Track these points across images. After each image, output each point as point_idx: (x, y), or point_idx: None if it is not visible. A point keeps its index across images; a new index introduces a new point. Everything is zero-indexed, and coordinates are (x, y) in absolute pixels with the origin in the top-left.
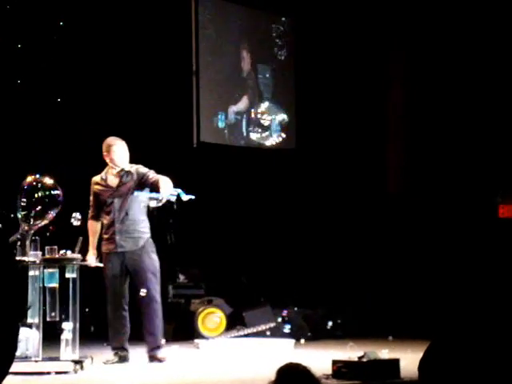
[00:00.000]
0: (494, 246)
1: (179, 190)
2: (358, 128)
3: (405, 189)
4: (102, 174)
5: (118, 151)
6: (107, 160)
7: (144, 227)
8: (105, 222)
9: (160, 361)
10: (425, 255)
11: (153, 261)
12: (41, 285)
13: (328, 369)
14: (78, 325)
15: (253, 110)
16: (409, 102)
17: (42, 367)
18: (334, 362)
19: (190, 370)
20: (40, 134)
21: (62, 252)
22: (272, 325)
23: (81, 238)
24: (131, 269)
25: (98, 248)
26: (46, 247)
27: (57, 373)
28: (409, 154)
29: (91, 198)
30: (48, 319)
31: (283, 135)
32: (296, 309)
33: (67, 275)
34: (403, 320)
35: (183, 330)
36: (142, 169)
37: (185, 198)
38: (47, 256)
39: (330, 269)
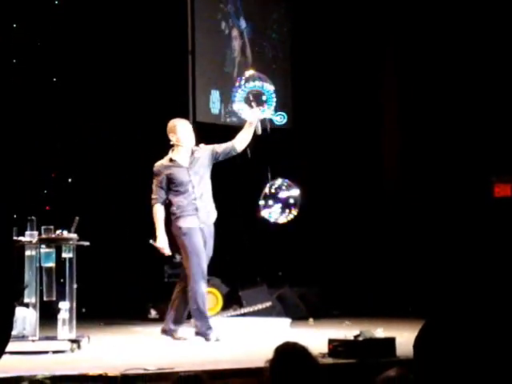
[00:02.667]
0: (489, 226)
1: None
2: (353, 112)
3: (401, 172)
4: (170, 157)
5: (184, 130)
6: (173, 140)
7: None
8: (182, 201)
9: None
10: (421, 236)
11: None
12: (37, 265)
13: (324, 348)
14: (74, 304)
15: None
16: (403, 84)
17: (39, 346)
18: (330, 341)
19: (186, 349)
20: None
21: (58, 232)
22: (268, 304)
23: (77, 218)
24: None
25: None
26: (42, 227)
27: (54, 352)
28: (403, 135)
29: (157, 183)
30: (45, 299)
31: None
32: (291, 288)
33: (64, 255)
34: (399, 299)
35: None
36: (208, 145)
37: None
38: (43, 236)
39: (326, 248)
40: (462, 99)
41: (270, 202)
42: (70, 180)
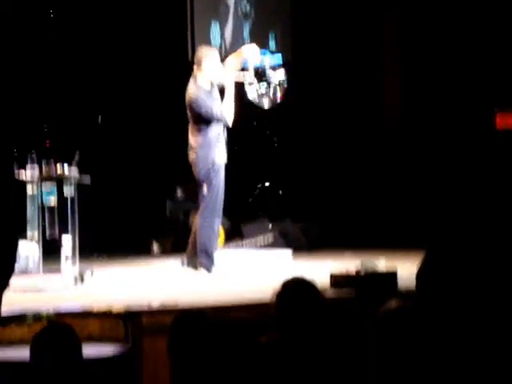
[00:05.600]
0: (491, 159)
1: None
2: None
3: (402, 105)
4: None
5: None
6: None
7: None
8: (214, 129)
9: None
10: (423, 169)
11: None
12: (39, 202)
13: (326, 281)
14: (77, 239)
15: None
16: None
17: (42, 281)
18: (332, 276)
19: (189, 282)
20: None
21: (58, 165)
22: (269, 237)
23: (78, 152)
24: None
25: None
26: (43, 160)
27: (57, 287)
28: (405, 68)
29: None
30: (47, 237)
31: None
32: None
33: (65, 191)
34: (401, 230)
35: (182, 244)
36: None
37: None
38: (44, 170)
39: (328, 183)
40: (465, 29)
41: (255, 82)
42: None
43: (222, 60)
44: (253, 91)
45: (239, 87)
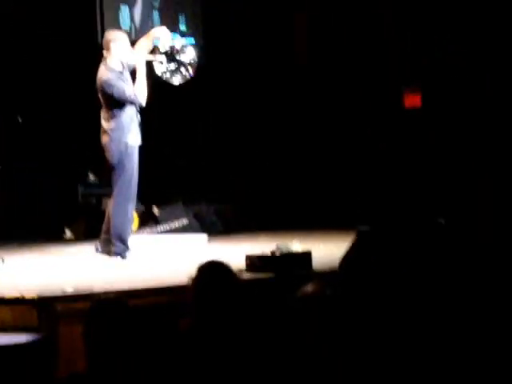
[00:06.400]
0: (399, 138)
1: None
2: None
3: (312, 61)
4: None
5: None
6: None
7: None
8: (127, 112)
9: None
10: (333, 145)
11: None
12: None
13: (242, 263)
14: None
15: None
16: None
17: None
18: (248, 258)
19: (104, 268)
20: None
21: None
22: (184, 221)
23: None
24: None
25: None
26: None
27: None
28: (314, 40)
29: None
30: None
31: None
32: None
33: None
34: (312, 211)
35: (95, 228)
36: None
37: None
38: None
39: (241, 163)
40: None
41: (165, 60)
42: None
43: (133, 43)
44: (162, 68)
45: (150, 67)
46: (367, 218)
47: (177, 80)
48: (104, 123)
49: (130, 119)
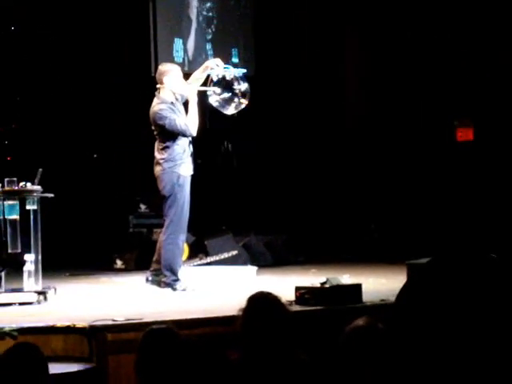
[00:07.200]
0: (452, 169)
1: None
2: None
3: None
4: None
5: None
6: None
7: None
8: (180, 144)
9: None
10: (386, 180)
11: None
12: (1, 217)
13: (291, 295)
14: (40, 256)
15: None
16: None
17: (5, 298)
18: (297, 289)
19: (154, 298)
20: None
21: (21, 184)
22: (234, 252)
23: (40, 170)
24: None
25: None
26: (6, 179)
27: (20, 304)
28: (366, 79)
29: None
30: (9, 251)
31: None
32: (257, 236)
33: (28, 207)
34: (363, 244)
35: (146, 259)
36: None
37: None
38: (7, 188)
39: (291, 196)
40: (426, 41)
41: (219, 90)
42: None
43: (186, 75)
44: (216, 97)
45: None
46: (418, 253)
47: (230, 110)
48: (157, 154)
49: (183, 150)
